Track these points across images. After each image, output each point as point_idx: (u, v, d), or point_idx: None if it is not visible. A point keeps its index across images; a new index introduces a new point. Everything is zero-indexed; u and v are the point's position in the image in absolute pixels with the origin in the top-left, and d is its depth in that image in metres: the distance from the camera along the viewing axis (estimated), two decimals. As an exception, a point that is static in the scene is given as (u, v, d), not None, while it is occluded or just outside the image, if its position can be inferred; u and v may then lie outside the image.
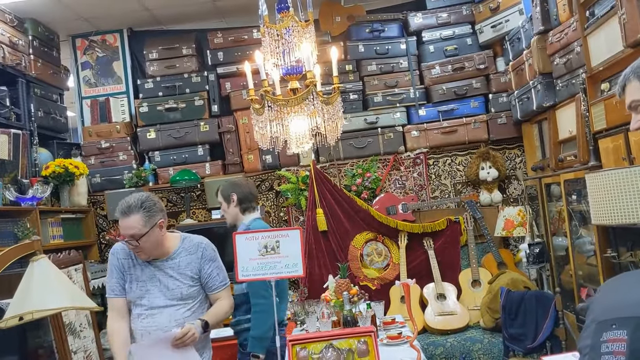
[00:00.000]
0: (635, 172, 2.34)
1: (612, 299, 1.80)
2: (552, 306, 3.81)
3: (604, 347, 1.67)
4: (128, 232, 2.56)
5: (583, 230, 4.39)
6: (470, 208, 5.25)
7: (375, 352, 2.64)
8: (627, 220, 2.38)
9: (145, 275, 2.67)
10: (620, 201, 2.37)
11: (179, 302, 2.67)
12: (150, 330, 2.62)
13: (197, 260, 2.75)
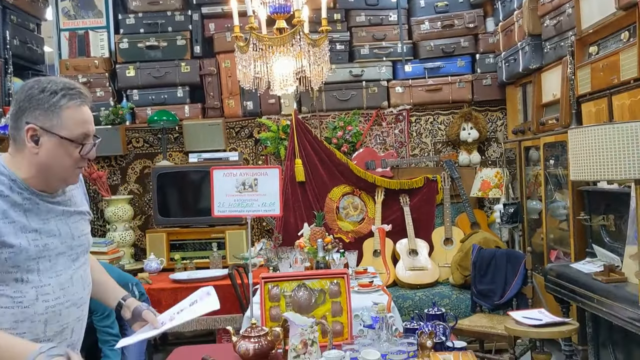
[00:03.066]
0: (617, 129, 2.35)
1: None
2: (522, 265, 3.87)
3: None
4: (89, 127, 1.62)
5: (558, 194, 4.44)
6: (448, 167, 5.27)
7: (347, 293, 2.66)
8: (605, 177, 2.39)
9: (37, 221, 1.59)
10: (600, 158, 2.38)
11: (85, 257, 1.76)
12: (62, 310, 1.59)
13: (83, 194, 1.85)
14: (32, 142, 1.56)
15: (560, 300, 3.69)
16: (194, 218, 5.10)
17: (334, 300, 2.67)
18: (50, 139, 1.56)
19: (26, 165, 1.57)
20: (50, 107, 1.56)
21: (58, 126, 1.56)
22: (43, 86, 1.57)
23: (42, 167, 1.56)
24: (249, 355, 2.36)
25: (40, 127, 1.55)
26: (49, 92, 1.56)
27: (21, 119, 1.56)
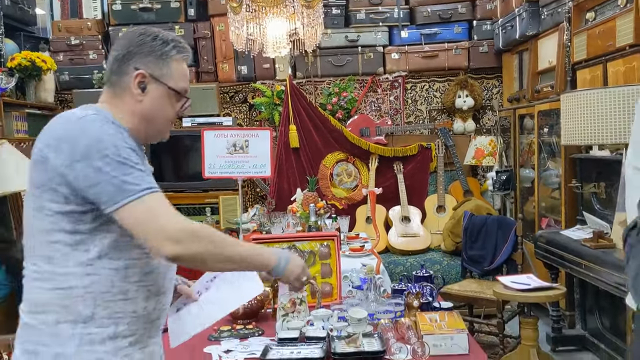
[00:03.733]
0: (609, 93, 2.34)
1: None
2: (513, 232, 3.90)
3: None
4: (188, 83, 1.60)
5: (551, 162, 4.45)
6: (443, 135, 5.26)
7: (337, 255, 2.68)
8: (596, 141, 2.39)
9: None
10: (592, 122, 2.38)
11: None
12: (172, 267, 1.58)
13: None
14: (138, 88, 1.48)
15: (549, 266, 3.73)
16: (188, 183, 5.11)
17: (323, 262, 2.69)
18: (157, 87, 1.50)
19: (128, 115, 1.47)
20: (161, 55, 1.50)
21: (167, 76, 1.51)
22: (154, 34, 1.51)
23: (145, 117, 1.48)
24: (239, 314, 2.38)
25: (150, 75, 1.48)
26: (161, 41, 1.51)
27: (128, 64, 1.48)
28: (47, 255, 1.35)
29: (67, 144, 1.33)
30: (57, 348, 1.34)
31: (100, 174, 1.31)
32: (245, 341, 2.20)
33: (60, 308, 1.35)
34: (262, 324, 2.37)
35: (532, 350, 3.18)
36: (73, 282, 1.35)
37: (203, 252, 1.36)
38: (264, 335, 2.27)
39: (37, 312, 1.36)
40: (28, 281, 1.39)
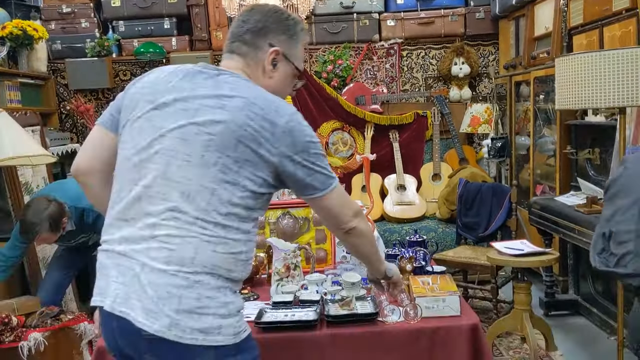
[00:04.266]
0: (604, 56, 2.32)
1: None
2: (507, 198, 3.91)
3: None
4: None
5: (546, 130, 4.44)
6: (439, 103, 5.23)
7: (331, 222, 2.68)
8: (590, 105, 2.39)
9: None
10: (586, 86, 2.37)
11: None
12: None
13: None
14: (271, 65, 1.54)
15: (543, 232, 3.75)
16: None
17: (318, 228, 2.71)
18: (286, 66, 1.57)
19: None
20: (293, 35, 1.57)
21: (294, 56, 1.58)
22: (287, 13, 1.58)
23: (270, 92, 1.51)
24: (233, 279, 2.40)
25: (282, 53, 1.55)
26: (293, 21, 1.58)
27: (264, 39, 1.54)
28: (222, 223, 1.41)
29: (289, 137, 1.43)
30: (223, 298, 1.42)
31: (316, 166, 1.47)
32: (240, 305, 2.22)
33: (226, 270, 1.43)
34: (257, 289, 2.40)
35: (525, 314, 3.22)
36: (240, 248, 1.45)
37: (365, 230, 1.62)
38: (259, 299, 2.29)
39: (205, 272, 1.40)
40: (194, 242, 1.40)
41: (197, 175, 1.40)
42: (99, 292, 1.45)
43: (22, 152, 3.12)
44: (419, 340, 1.87)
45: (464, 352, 1.86)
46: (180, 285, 1.38)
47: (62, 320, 2.91)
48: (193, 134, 1.41)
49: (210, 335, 1.37)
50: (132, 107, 1.53)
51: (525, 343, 3.40)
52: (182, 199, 1.40)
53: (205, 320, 1.37)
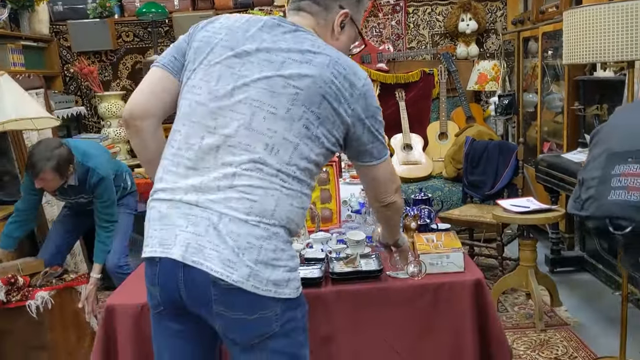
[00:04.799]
0: (613, 8, 2.26)
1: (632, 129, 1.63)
2: (514, 156, 3.89)
3: (615, 181, 1.59)
4: None
5: (554, 86, 4.38)
6: (445, 60, 5.16)
7: (336, 181, 2.69)
8: (598, 59, 2.34)
9: None
10: (594, 39, 2.32)
11: None
12: None
13: None
14: (340, 26, 1.56)
15: (549, 189, 3.74)
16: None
17: (323, 187, 2.71)
18: (351, 28, 1.59)
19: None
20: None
21: (358, 20, 1.60)
22: None
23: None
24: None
25: (350, 16, 1.57)
26: None
27: (335, 1, 1.55)
28: (300, 177, 1.44)
29: (363, 100, 1.47)
30: (290, 251, 1.45)
31: (378, 134, 1.54)
32: (246, 264, 2.25)
33: (295, 224, 1.47)
34: (262, 248, 2.41)
35: (530, 270, 3.24)
36: (307, 204, 1.50)
37: (400, 206, 1.68)
38: (265, 258, 2.31)
39: (281, 225, 1.42)
40: (275, 195, 1.41)
41: (283, 128, 1.40)
42: (161, 242, 1.40)
43: (24, 114, 3.11)
44: (422, 296, 1.89)
45: (467, 307, 1.88)
46: (261, 236, 1.38)
47: (65, 280, 2.98)
48: (280, 87, 1.41)
49: (281, 287, 1.39)
50: (205, 52, 1.49)
51: (530, 299, 3.43)
52: (267, 151, 1.40)
53: (278, 273, 1.39)
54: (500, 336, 1.92)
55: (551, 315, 3.35)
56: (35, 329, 2.73)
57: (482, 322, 1.90)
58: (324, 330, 1.89)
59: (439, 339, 1.89)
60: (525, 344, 3.02)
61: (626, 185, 1.54)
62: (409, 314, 1.89)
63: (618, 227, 1.59)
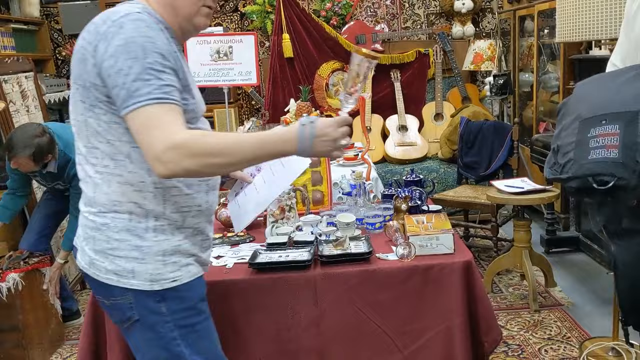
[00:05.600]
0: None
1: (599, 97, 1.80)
2: (509, 136, 3.86)
3: (593, 142, 1.75)
4: None
5: (550, 65, 4.34)
6: (441, 40, 5.10)
7: (327, 163, 2.66)
8: (592, 37, 2.30)
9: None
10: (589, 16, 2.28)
11: None
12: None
13: None
14: None
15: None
16: (182, 97, 5.03)
17: (313, 169, 2.67)
18: None
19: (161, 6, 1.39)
20: None
21: None
22: None
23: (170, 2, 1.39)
24: (230, 221, 2.40)
25: None
26: None
27: None
28: (107, 154, 1.37)
29: (103, 43, 1.27)
30: (136, 241, 1.39)
31: (120, 76, 1.25)
32: (236, 247, 2.23)
33: (139, 207, 1.38)
34: (253, 232, 2.39)
35: (525, 251, 3.22)
36: (137, 179, 1.37)
37: (200, 169, 1.27)
38: (255, 242, 2.29)
39: (111, 211, 1.39)
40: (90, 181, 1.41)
41: (74, 110, 1.39)
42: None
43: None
44: (411, 278, 1.87)
45: (457, 288, 1.86)
46: (92, 227, 1.42)
47: (28, 263, 3.05)
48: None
49: (125, 278, 1.39)
50: None
51: (525, 280, 3.42)
52: (78, 138, 1.41)
53: (119, 263, 1.39)
54: (490, 317, 1.91)
55: (545, 295, 3.35)
56: (7, 312, 2.79)
57: (472, 304, 1.88)
58: (313, 313, 1.88)
59: (429, 321, 1.88)
60: (519, 325, 3.02)
61: (604, 144, 1.71)
62: (398, 296, 1.87)
63: (601, 183, 1.72)
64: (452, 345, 1.85)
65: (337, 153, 1.40)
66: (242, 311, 1.89)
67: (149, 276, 1.39)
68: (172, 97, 1.28)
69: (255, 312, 1.89)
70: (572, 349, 2.75)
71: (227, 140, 1.29)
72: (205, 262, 1.55)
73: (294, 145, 1.32)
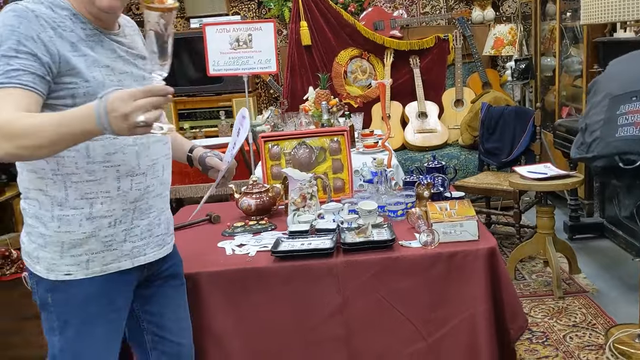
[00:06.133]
0: (635, -37, 2.16)
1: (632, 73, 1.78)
2: (531, 121, 3.80)
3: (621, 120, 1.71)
4: None
5: (573, 49, 4.26)
6: (460, 25, 5.04)
7: (347, 150, 2.64)
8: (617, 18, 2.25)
9: (106, 58, 1.45)
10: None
11: None
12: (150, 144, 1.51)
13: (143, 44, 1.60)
14: None
15: (568, 155, 3.65)
16: (201, 87, 5.04)
17: (334, 157, 2.67)
18: None
19: None
20: None
21: None
22: None
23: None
24: (251, 210, 2.40)
25: None
26: None
27: None
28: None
29: None
30: (41, 229, 1.43)
31: None
32: (258, 235, 2.23)
33: (38, 191, 1.42)
34: (274, 220, 2.39)
35: (548, 238, 3.18)
36: (39, 165, 1.39)
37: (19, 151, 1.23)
38: (277, 230, 2.29)
39: (24, 197, 1.46)
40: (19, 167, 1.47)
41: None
42: None
43: None
44: (435, 265, 1.85)
45: (481, 275, 1.84)
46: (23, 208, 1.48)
47: None
48: None
49: (33, 261, 1.46)
50: None
51: (548, 267, 3.39)
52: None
53: (31, 246, 1.46)
54: (515, 304, 1.89)
55: (569, 282, 3.31)
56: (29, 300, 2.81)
57: (496, 291, 1.86)
58: (335, 301, 1.88)
59: (453, 308, 1.86)
60: (543, 312, 2.99)
61: (633, 121, 1.66)
62: (422, 283, 1.86)
63: (628, 162, 1.64)
64: (476, 332, 1.84)
65: (139, 131, 1.21)
66: (264, 299, 1.89)
67: (47, 264, 1.44)
68: (18, 81, 1.27)
69: (277, 300, 1.89)
70: (598, 335, 2.72)
71: (35, 120, 1.24)
72: (135, 253, 1.51)
73: (93, 122, 1.20)
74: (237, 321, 1.89)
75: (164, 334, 1.66)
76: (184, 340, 1.71)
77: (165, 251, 1.61)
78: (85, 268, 1.44)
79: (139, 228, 1.51)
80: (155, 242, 1.56)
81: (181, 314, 1.71)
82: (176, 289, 1.70)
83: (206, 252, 2.08)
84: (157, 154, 1.53)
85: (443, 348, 1.88)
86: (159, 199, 1.56)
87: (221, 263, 1.96)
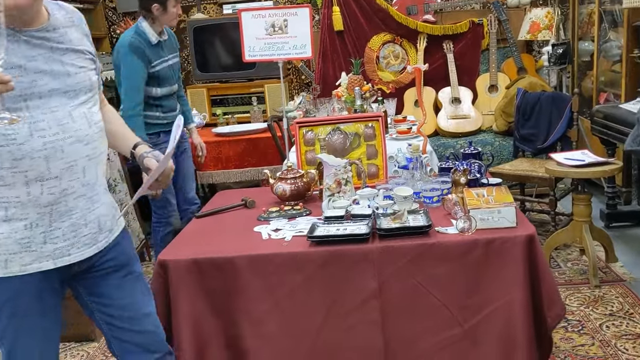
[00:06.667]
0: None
1: None
2: (568, 107, 3.73)
3: None
4: None
5: (612, 33, 4.16)
6: (495, 9, 4.95)
7: (382, 136, 2.64)
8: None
9: (21, 57, 1.43)
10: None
11: (88, 96, 1.57)
12: (64, 146, 1.48)
13: (84, 35, 1.65)
14: None
15: (606, 142, 3.59)
16: (233, 73, 5.06)
17: (369, 143, 2.67)
18: None
19: None
20: None
21: None
22: None
23: None
24: (286, 195, 2.42)
25: None
26: None
27: None
28: None
29: None
30: None
31: None
32: (293, 220, 2.25)
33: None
34: (309, 205, 2.41)
35: (585, 225, 3.13)
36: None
37: None
38: (312, 215, 2.31)
39: None
40: None
41: None
42: None
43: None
44: (471, 251, 1.85)
45: (519, 262, 1.83)
46: None
47: None
48: None
49: None
50: None
51: (584, 255, 3.34)
52: None
53: None
54: (553, 292, 1.87)
55: (606, 271, 3.26)
56: None
57: (534, 278, 1.85)
58: (371, 286, 1.89)
59: (490, 295, 1.86)
60: (579, 300, 2.96)
61: None
62: (458, 269, 1.86)
63: None
64: (513, 319, 1.83)
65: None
66: (300, 283, 1.92)
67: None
68: None
69: (313, 284, 1.92)
70: (635, 325, 2.68)
71: None
72: (58, 254, 1.51)
73: None
74: (274, 305, 1.92)
75: (117, 323, 1.66)
76: (145, 328, 1.70)
77: (96, 249, 1.58)
78: (4, 267, 1.47)
79: (60, 230, 1.50)
80: (83, 242, 1.55)
81: (136, 304, 1.69)
82: (125, 280, 1.67)
83: (243, 236, 2.11)
84: (74, 155, 1.50)
85: (479, 334, 1.88)
86: (82, 200, 1.53)
87: (258, 247, 1.99)
